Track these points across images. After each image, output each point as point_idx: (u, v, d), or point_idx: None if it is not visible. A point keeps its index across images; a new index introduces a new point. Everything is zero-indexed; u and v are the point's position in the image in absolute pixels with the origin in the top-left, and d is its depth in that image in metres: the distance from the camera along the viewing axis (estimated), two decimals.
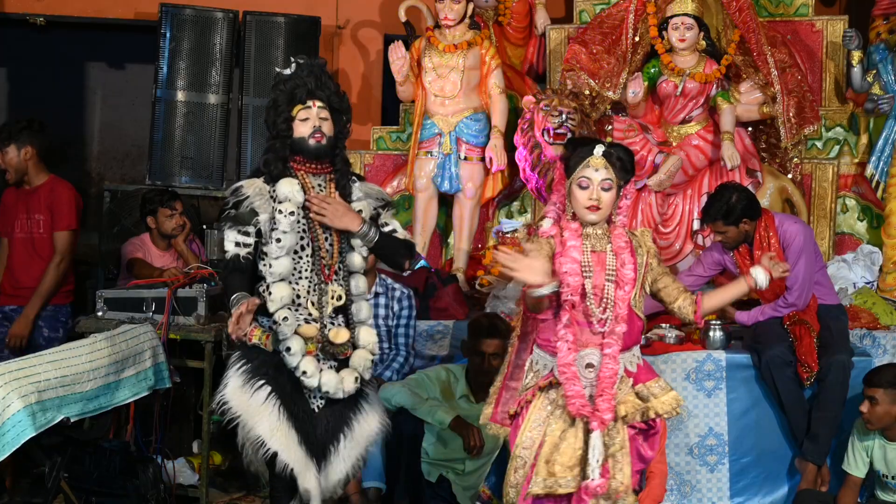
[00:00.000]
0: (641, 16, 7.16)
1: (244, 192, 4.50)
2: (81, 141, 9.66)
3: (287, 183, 4.53)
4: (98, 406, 5.48)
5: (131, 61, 9.42)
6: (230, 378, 4.50)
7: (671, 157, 6.94)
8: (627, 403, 4.34)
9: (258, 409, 4.42)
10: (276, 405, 4.43)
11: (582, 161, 4.36)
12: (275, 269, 4.47)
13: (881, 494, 5.73)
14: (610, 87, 7.07)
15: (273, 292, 4.45)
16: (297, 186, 4.54)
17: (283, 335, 4.43)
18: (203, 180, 8.07)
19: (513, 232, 7.05)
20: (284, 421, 4.43)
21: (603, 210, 4.36)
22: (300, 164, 4.60)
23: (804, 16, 7.45)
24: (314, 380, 4.47)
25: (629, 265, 4.35)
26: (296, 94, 4.56)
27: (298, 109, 4.55)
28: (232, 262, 4.45)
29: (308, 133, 4.55)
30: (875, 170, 7.06)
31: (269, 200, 4.51)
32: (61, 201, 6.50)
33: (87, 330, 6.02)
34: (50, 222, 6.47)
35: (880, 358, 6.17)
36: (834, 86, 7.37)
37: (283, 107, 4.56)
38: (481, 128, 7.27)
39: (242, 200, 4.49)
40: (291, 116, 4.56)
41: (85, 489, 5.64)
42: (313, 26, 8.29)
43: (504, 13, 7.85)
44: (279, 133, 4.57)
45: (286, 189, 4.52)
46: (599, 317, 4.31)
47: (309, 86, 4.57)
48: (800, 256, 5.92)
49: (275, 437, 4.41)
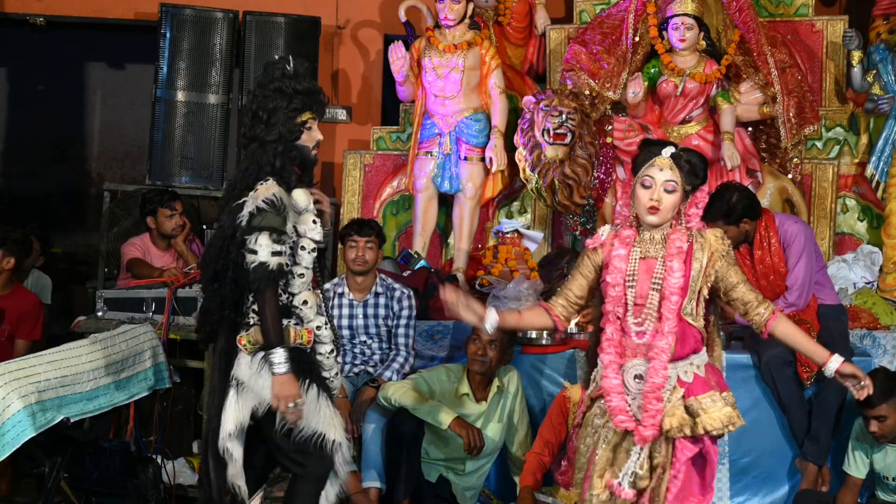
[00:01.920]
0: (641, 16, 7.16)
1: (283, 203, 4.40)
2: (81, 141, 9.66)
3: (304, 194, 4.51)
4: (98, 406, 5.48)
5: (131, 61, 9.42)
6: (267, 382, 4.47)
7: None
8: (674, 417, 4.15)
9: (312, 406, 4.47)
10: (328, 399, 4.52)
11: (648, 160, 4.18)
12: (307, 277, 4.50)
13: (881, 495, 5.72)
14: (610, 87, 7.07)
15: (308, 301, 4.48)
16: (310, 196, 4.55)
17: (327, 340, 4.53)
18: (203, 180, 8.07)
19: (513, 232, 7.05)
20: (338, 414, 4.54)
21: (663, 212, 4.15)
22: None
23: (804, 16, 7.45)
24: (337, 381, 4.63)
25: (677, 273, 4.13)
26: (310, 101, 4.52)
27: (309, 117, 4.53)
28: (277, 272, 4.33)
29: (312, 144, 4.57)
30: (875, 170, 7.06)
31: (292, 208, 4.46)
32: (31, 314, 6.43)
33: (87, 330, 6.02)
34: (12, 332, 6.39)
35: (880, 358, 6.16)
36: (834, 86, 7.37)
37: (299, 111, 4.50)
38: (481, 128, 7.27)
39: (282, 209, 4.38)
40: (303, 122, 4.53)
41: (85, 489, 5.64)
42: (313, 26, 8.29)
43: (504, 13, 7.85)
44: (293, 138, 4.51)
45: (305, 199, 4.51)
46: (636, 329, 4.18)
47: (319, 96, 4.56)
48: (800, 256, 5.92)
49: (335, 427, 4.50)
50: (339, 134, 8.67)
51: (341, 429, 4.53)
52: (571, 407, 5.69)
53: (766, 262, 5.97)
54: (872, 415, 5.45)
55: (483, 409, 5.75)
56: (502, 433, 5.81)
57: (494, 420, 5.77)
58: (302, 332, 4.46)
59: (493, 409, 5.77)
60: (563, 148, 6.81)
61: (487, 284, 6.77)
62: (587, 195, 6.98)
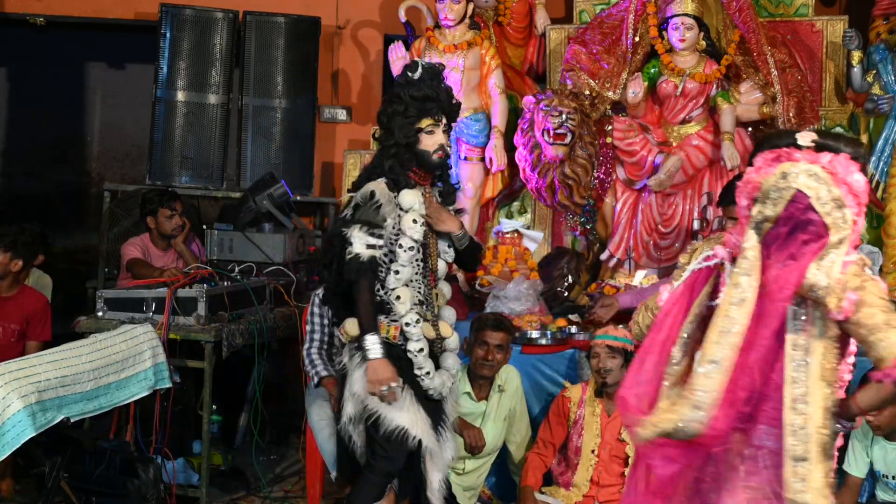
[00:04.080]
0: (641, 16, 7.15)
1: (378, 198, 4.62)
2: (81, 141, 9.65)
3: (413, 194, 4.70)
4: (98, 406, 5.49)
5: (131, 61, 9.41)
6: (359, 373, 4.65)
7: (671, 157, 6.93)
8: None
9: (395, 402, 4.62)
10: (413, 395, 4.66)
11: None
12: (402, 274, 4.69)
13: (881, 494, 5.72)
14: (610, 87, 7.07)
15: (402, 296, 4.67)
16: (422, 198, 4.72)
17: (417, 337, 4.68)
18: (203, 180, 8.08)
19: (513, 232, 7.04)
20: (421, 410, 4.67)
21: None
22: (415, 174, 4.75)
23: (804, 16, 7.45)
24: (431, 381, 4.73)
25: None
26: (428, 107, 4.70)
27: (428, 124, 4.70)
28: (370, 264, 4.57)
29: (433, 149, 4.72)
30: (875, 170, 7.05)
31: (395, 207, 4.67)
32: (40, 314, 6.40)
33: (87, 330, 6.02)
34: (22, 332, 6.34)
35: None
36: (834, 86, 7.37)
37: (414, 117, 4.69)
38: (481, 128, 7.27)
39: (378, 206, 4.61)
40: (421, 128, 4.69)
41: (85, 489, 5.63)
42: (313, 26, 8.30)
43: (504, 13, 7.84)
44: (408, 142, 4.69)
45: (412, 199, 4.69)
46: None
47: (442, 100, 4.72)
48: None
49: (417, 425, 4.64)
50: (339, 134, 8.67)
51: (425, 427, 4.67)
52: (571, 407, 5.70)
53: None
54: None
55: (483, 409, 5.75)
56: (502, 433, 5.81)
57: (494, 419, 5.77)
58: (390, 327, 4.66)
59: (492, 409, 5.77)
60: (562, 148, 6.82)
61: (487, 284, 6.77)
62: (587, 195, 6.99)
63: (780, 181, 3.09)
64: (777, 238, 3.09)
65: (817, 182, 3.08)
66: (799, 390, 3.09)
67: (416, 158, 4.71)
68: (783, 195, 3.09)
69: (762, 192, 3.11)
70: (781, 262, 3.08)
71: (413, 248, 4.68)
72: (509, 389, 5.82)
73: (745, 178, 3.24)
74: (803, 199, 3.08)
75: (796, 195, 3.08)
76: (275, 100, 8.19)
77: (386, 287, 4.68)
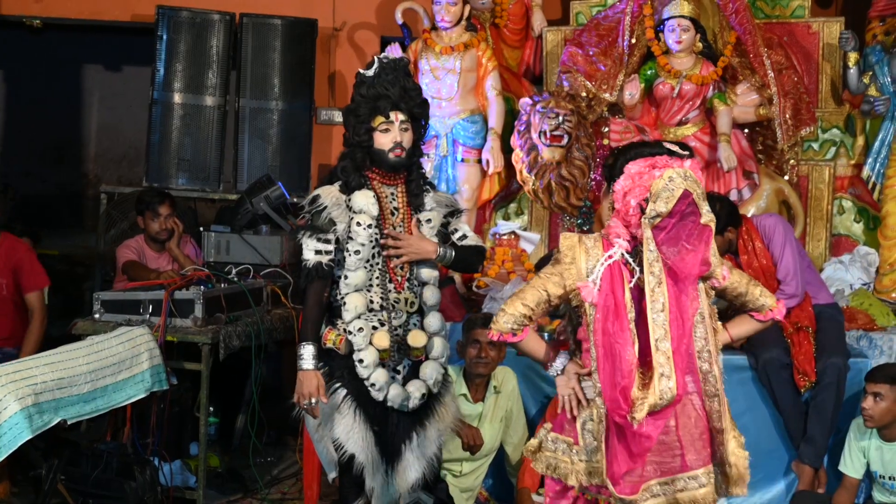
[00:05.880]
0: (638, 18, 7.16)
1: (322, 202, 4.53)
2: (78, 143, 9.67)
3: (363, 195, 4.56)
4: (95, 408, 5.48)
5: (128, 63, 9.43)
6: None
7: None
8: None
9: (334, 412, 4.52)
10: (353, 406, 4.52)
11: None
12: (351, 280, 4.54)
13: (878, 495, 5.73)
14: (606, 89, 7.08)
15: (348, 302, 4.53)
16: (373, 199, 4.58)
17: (359, 346, 4.53)
18: (200, 182, 8.07)
19: (510, 234, 7.05)
20: (360, 422, 4.52)
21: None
22: (375, 175, 4.62)
23: (800, 17, 7.45)
24: (381, 393, 4.55)
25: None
26: (379, 105, 4.55)
27: (380, 122, 4.55)
28: (315, 270, 4.48)
29: (388, 147, 4.56)
30: (871, 171, 7.07)
31: (346, 210, 4.56)
32: (25, 260, 6.35)
33: (84, 332, 6.00)
34: (13, 283, 6.32)
35: (877, 359, 6.17)
36: (830, 87, 7.38)
37: (365, 117, 4.56)
38: (478, 130, 7.27)
39: (321, 210, 4.52)
40: (373, 127, 4.56)
41: (82, 491, 5.63)
42: (310, 28, 8.30)
43: (500, 15, 7.85)
44: (359, 142, 4.57)
45: (362, 201, 4.55)
46: None
47: (393, 97, 4.55)
48: (784, 246, 5.96)
49: (351, 438, 4.51)
50: (335, 136, 8.67)
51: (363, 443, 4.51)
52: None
53: (754, 265, 5.99)
54: (871, 390, 5.49)
55: (479, 410, 5.75)
56: (499, 434, 5.82)
57: (491, 421, 5.77)
58: (337, 338, 4.54)
59: (488, 410, 5.77)
60: (559, 150, 6.83)
61: (484, 286, 6.78)
62: (584, 197, 7.00)
63: (668, 183, 3.71)
64: (665, 228, 3.72)
65: (693, 182, 3.76)
66: (700, 344, 3.83)
67: (371, 158, 4.57)
68: (673, 194, 3.70)
69: (653, 193, 3.72)
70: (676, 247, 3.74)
71: (360, 253, 4.53)
72: (505, 391, 5.82)
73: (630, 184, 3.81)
74: (688, 196, 3.72)
75: (684, 193, 3.70)
76: (271, 102, 8.19)
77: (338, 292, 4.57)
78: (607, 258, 3.83)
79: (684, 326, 3.75)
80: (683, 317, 3.75)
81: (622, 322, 3.76)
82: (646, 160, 3.84)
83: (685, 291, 3.78)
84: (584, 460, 3.87)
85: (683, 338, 3.75)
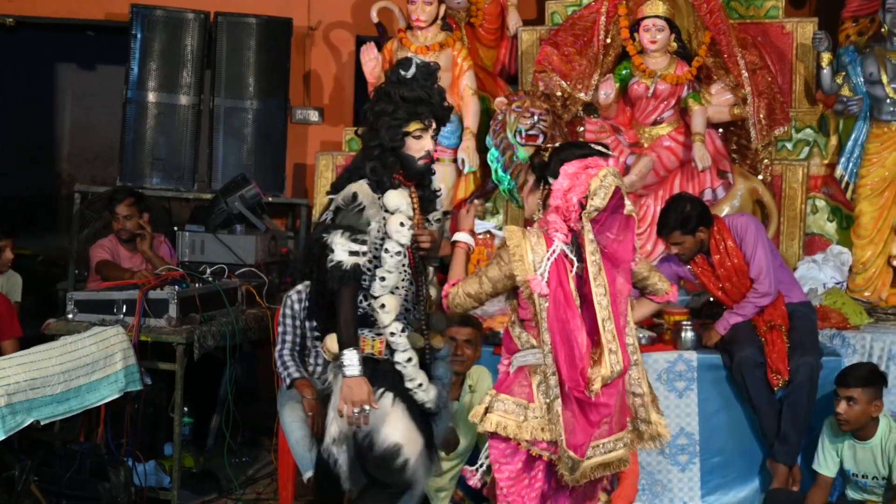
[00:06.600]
0: (613, 18, 7.17)
1: (361, 201, 4.34)
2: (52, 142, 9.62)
3: (400, 195, 4.40)
4: (68, 409, 5.46)
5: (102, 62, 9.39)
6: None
7: (642, 158, 6.97)
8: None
9: (387, 418, 4.39)
10: (404, 410, 4.42)
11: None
12: (388, 281, 4.38)
13: (851, 493, 5.76)
14: (582, 88, 7.09)
15: (386, 304, 4.37)
16: (409, 199, 4.45)
17: (404, 347, 4.41)
18: (174, 182, 8.05)
19: (485, 233, 7.05)
20: (415, 427, 4.44)
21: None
22: (398, 177, 4.45)
23: (774, 18, 7.48)
24: (427, 394, 4.48)
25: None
26: (419, 111, 4.38)
27: (417, 128, 4.40)
28: (353, 272, 4.29)
29: (419, 154, 4.42)
30: (844, 171, 7.10)
31: (380, 210, 4.39)
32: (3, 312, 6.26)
33: (57, 332, 5.98)
34: None
35: (850, 358, 6.21)
36: (804, 87, 7.41)
37: (402, 120, 4.37)
38: (453, 129, 7.27)
39: (360, 209, 4.33)
40: (408, 132, 4.40)
41: (55, 492, 5.60)
42: (285, 27, 8.29)
43: (476, 15, 7.86)
44: (394, 146, 4.39)
45: (399, 201, 4.40)
46: None
47: (435, 104, 4.41)
48: (756, 245, 5.98)
49: (409, 443, 4.41)
50: (311, 135, 8.66)
51: (416, 444, 4.42)
52: None
53: (727, 264, 6.01)
54: (844, 395, 5.50)
55: (454, 409, 5.74)
56: (473, 433, 5.81)
57: (465, 420, 5.76)
58: (374, 342, 4.40)
59: (464, 409, 5.77)
60: (534, 149, 6.83)
61: None
62: None
63: (603, 181, 4.04)
64: (600, 221, 4.06)
65: (620, 179, 4.12)
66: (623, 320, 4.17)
67: (400, 162, 4.39)
68: (609, 191, 4.04)
69: (591, 191, 4.04)
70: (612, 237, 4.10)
71: (400, 253, 4.37)
72: (480, 389, 5.81)
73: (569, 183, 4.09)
74: (619, 192, 4.08)
75: (616, 190, 4.06)
76: (246, 101, 8.18)
77: (370, 296, 4.38)
78: (552, 253, 4.07)
79: (619, 307, 4.11)
80: (618, 298, 4.10)
81: (573, 310, 4.04)
82: (580, 161, 4.13)
83: (620, 275, 4.14)
84: (538, 416, 4.11)
85: (619, 317, 4.10)
